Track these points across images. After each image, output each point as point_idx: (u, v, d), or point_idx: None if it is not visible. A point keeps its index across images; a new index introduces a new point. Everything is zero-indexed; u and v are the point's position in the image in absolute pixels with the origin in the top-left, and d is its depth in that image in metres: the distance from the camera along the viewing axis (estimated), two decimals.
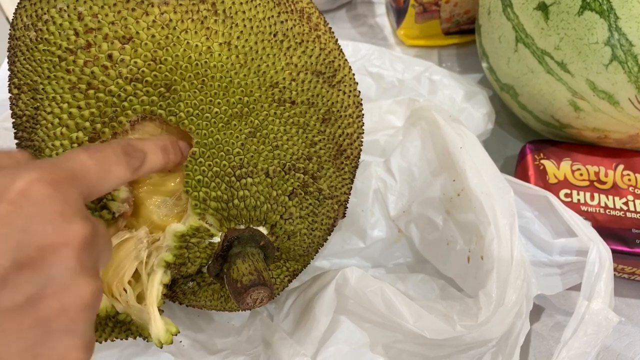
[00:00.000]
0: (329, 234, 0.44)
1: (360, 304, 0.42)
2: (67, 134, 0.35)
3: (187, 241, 0.36)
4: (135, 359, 0.43)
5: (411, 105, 0.53)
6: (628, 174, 0.53)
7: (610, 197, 0.52)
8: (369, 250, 0.52)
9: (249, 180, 0.36)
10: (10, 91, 0.38)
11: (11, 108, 0.38)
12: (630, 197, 0.52)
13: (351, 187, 0.44)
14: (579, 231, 0.42)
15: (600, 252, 0.40)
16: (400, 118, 0.55)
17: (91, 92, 0.34)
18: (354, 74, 0.44)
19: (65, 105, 0.34)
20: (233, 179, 0.36)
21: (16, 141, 0.38)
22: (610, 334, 0.48)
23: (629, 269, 0.51)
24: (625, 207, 0.51)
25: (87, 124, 0.34)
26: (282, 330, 0.43)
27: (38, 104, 0.35)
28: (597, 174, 0.53)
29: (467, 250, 0.45)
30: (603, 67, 0.47)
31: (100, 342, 0.36)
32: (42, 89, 0.35)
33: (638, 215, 0.51)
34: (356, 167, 0.44)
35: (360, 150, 0.44)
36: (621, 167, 0.54)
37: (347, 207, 0.45)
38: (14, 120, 0.38)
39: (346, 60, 0.43)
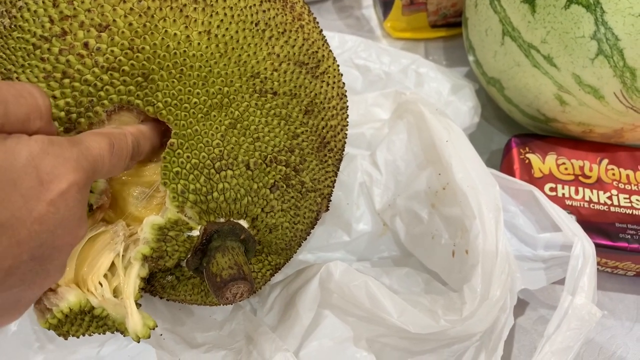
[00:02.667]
0: (312, 228, 0.44)
1: (344, 298, 0.42)
2: None
3: (165, 234, 0.35)
4: (115, 352, 0.43)
5: (397, 98, 0.53)
6: (612, 169, 0.54)
7: (595, 192, 0.52)
8: (354, 243, 0.51)
9: (229, 172, 0.36)
10: None
11: None
12: (614, 192, 0.52)
13: (335, 180, 0.44)
14: (564, 226, 0.42)
15: (584, 247, 0.40)
16: (386, 111, 0.54)
17: (66, 81, 0.33)
18: (338, 65, 0.43)
19: None
20: (212, 171, 0.35)
21: None
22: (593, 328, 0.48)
23: (612, 262, 0.51)
24: (609, 202, 0.51)
25: (62, 114, 0.33)
26: (264, 325, 0.43)
27: None
28: (581, 168, 0.54)
29: (452, 244, 0.44)
30: (589, 61, 0.47)
31: (78, 337, 0.35)
32: (17, 77, 0.33)
33: (622, 209, 0.51)
34: (340, 159, 0.44)
35: (345, 142, 0.44)
36: (605, 161, 0.54)
37: (330, 200, 0.45)
38: None
39: (330, 51, 0.42)
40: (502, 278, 0.38)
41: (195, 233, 0.36)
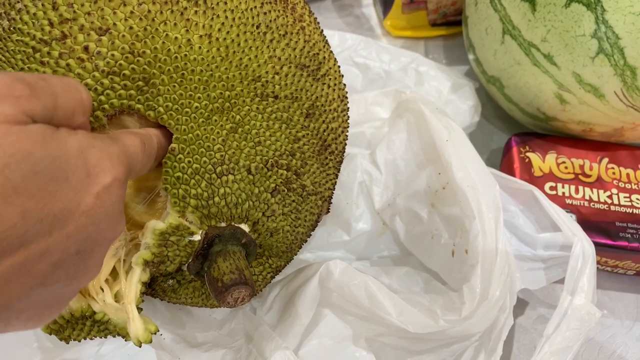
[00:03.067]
0: (313, 230, 0.44)
1: (344, 297, 0.42)
2: None
3: (166, 239, 0.35)
4: (114, 351, 0.43)
5: (397, 97, 0.53)
6: (612, 168, 0.53)
7: (595, 190, 0.52)
8: (354, 243, 0.51)
9: (230, 177, 0.35)
10: None
11: None
12: (614, 191, 0.52)
13: (335, 183, 0.44)
14: (563, 226, 0.41)
15: (584, 247, 0.39)
16: (386, 110, 0.54)
17: None
18: (339, 67, 0.43)
19: None
20: (214, 175, 0.35)
21: None
22: (592, 327, 0.48)
23: (612, 262, 0.51)
24: (609, 201, 0.51)
25: None
26: (264, 324, 0.43)
27: None
28: (582, 167, 0.53)
29: (452, 244, 0.44)
30: (589, 59, 0.47)
31: (79, 341, 0.35)
32: None
33: (622, 208, 0.51)
34: (341, 162, 0.44)
35: (345, 144, 0.44)
36: (606, 160, 0.54)
37: (331, 203, 0.45)
38: None
39: (331, 52, 0.42)
40: (501, 278, 0.38)
41: (197, 238, 0.36)
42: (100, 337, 0.36)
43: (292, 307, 0.43)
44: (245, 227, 0.37)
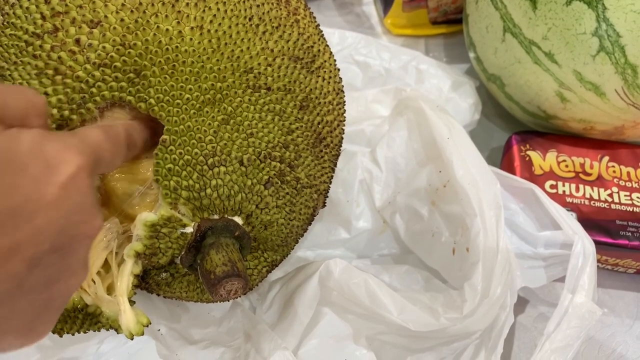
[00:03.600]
0: (309, 224, 0.44)
1: (344, 295, 0.42)
2: None
3: (158, 231, 0.35)
4: (114, 350, 0.43)
5: (398, 95, 0.53)
6: (613, 166, 0.53)
7: (595, 189, 0.52)
8: (354, 241, 0.51)
9: (222, 168, 0.35)
10: None
11: None
12: (615, 189, 0.52)
13: (332, 176, 0.44)
14: (564, 224, 0.42)
15: (584, 246, 0.40)
16: (386, 108, 0.54)
17: (58, 78, 0.33)
18: (335, 60, 0.43)
19: None
20: (205, 167, 0.35)
21: None
22: (592, 324, 0.48)
23: (612, 260, 0.51)
24: (609, 199, 0.51)
25: (55, 111, 0.33)
26: (263, 322, 0.43)
27: None
28: (582, 165, 0.53)
29: (453, 242, 0.44)
30: (590, 58, 0.47)
31: (73, 335, 0.35)
32: (9, 75, 0.34)
33: (622, 206, 0.51)
34: (337, 155, 0.44)
35: (342, 138, 0.43)
36: (606, 158, 0.54)
37: (327, 196, 0.45)
38: None
39: (327, 45, 0.42)
40: (502, 276, 0.38)
41: (189, 230, 0.36)
42: (94, 331, 0.36)
43: (292, 305, 0.43)
44: (238, 220, 0.37)
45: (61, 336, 0.35)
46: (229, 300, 0.36)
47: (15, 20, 0.33)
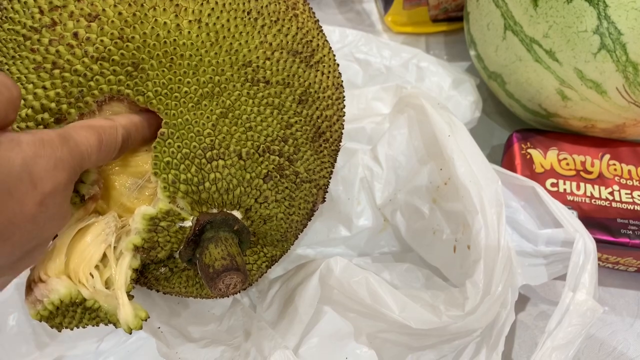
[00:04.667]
0: (309, 219, 0.44)
1: (345, 294, 0.42)
2: (33, 116, 0.33)
3: (156, 224, 0.35)
4: (114, 348, 0.43)
5: (398, 93, 0.53)
6: (614, 164, 0.54)
7: (596, 187, 0.52)
8: (355, 239, 0.51)
9: (221, 162, 0.35)
10: None
11: None
12: (615, 187, 0.52)
13: (332, 171, 0.44)
14: (565, 222, 0.42)
15: (585, 244, 0.40)
16: (387, 105, 0.54)
17: (56, 71, 0.33)
18: (334, 55, 0.43)
19: (30, 86, 0.33)
20: (203, 160, 0.35)
21: None
22: (593, 322, 0.48)
23: (613, 258, 0.51)
24: (610, 197, 0.51)
25: (53, 104, 0.33)
26: (263, 321, 0.43)
27: None
28: (583, 163, 0.54)
29: (454, 240, 0.44)
30: (591, 55, 0.48)
31: (71, 329, 0.35)
32: (7, 69, 0.34)
33: (623, 205, 0.51)
34: (337, 150, 0.44)
35: (341, 133, 0.44)
36: (607, 156, 0.54)
37: (327, 192, 0.45)
38: None
39: (326, 40, 0.42)
40: (504, 274, 0.38)
41: (188, 224, 0.36)
42: (92, 325, 0.35)
43: (292, 304, 0.43)
44: (237, 214, 0.37)
45: (60, 330, 0.34)
46: (228, 296, 0.36)
47: (14, 15, 0.34)
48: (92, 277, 0.34)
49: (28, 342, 0.43)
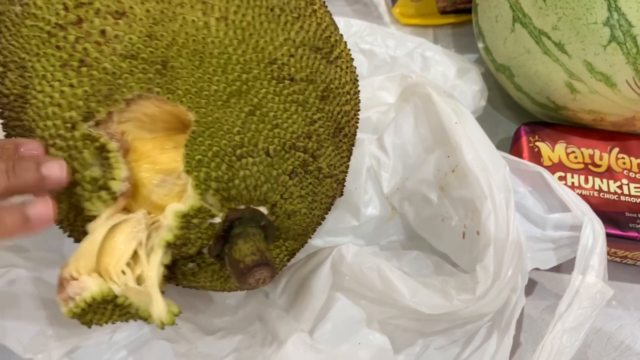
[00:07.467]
0: (327, 213, 0.46)
1: (357, 280, 0.43)
2: (60, 114, 0.35)
3: (188, 221, 0.36)
4: (126, 339, 0.44)
5: (404, 82, 0.54)
6: (623, 157, 0.55)
7: (605, 181, 0.53)
8: (363, 228, 0.53)
9: (250, 159, 0.37)
10: None
11: None
12: (624, 181, 0.54)
13: (348, 166, 0.45)
14: (573, 206, 0.44)
15: (594, 227, 0.42)
16: (392, 95, 0.56)
17: (84, 69, 0.34)
18: (349, 50, 0.44)
19: (56, 84, 0.35)
20: (234, 158, 0.36)
21: (2, 121, 0.39)
22: (602, 315, 0.51)
23: (621, 252, 0.53)
24: (619, 191, 0.53)
25: (81, 102, 0.34)
26: (278, 308, 0.44)
27: (27, 82, 0.36)
28: (591, 157, 0.55)
29: (463, 226, 0.46)
30: (601, 48, 0.49)
31: (101, 325, 0.36)
32: (31, 66, 0.35)
33: (632, 198, 0.53)
34: (353, 145, 0.45)
35: (357, 128, 0.45)
36: (616, 150, 0.56)
37: (345, 186, 0.46)
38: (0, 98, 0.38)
39: (341, 35, 0.44)
40: (513, 258, 0.40)
41: (217, 220, 0.37)
42: (122, 321, 0.37)
43: (304, 291, 0.45)
44: (263, 210, 0.39)
45: (89, 327, 0.36)
46: (256, 288, 0.38)
47: (36, 11, 0.35)
48: (124, 274, 0.36)
49: (44, 334, 0.43)
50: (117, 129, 0.36)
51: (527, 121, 0.58)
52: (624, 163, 0.55)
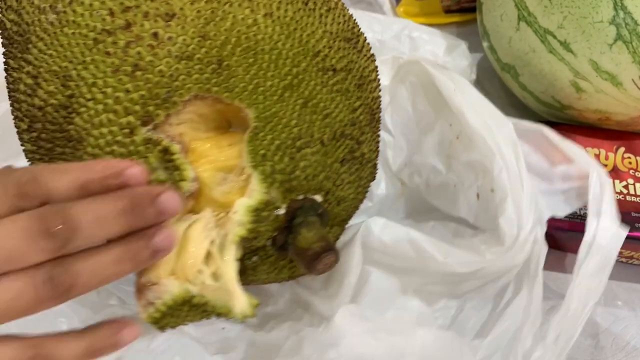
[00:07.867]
0: (365, 197, 0.54)
1: (387, 252, 0.52)
2: (116, 120, 0.40)
3: (258, 215, 0.43)
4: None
5: (395, 64, 0.63)
6: (629, 157, 0.63)
7: (610, 180, 0.60)
8: (376, 207, 0.62)
9: (308, 150, 0.44)
10: (13, 83, 0.43)
11: (20, 100, 0.42)
12: (630, 181, 0.61)
13: (379, 149, 0.54)
14: (577, 157, 0.51)
15: (600, 174, 0.49)
16: (386, 77, 0.63)
17: (139, 73, 0.39)
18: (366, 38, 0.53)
19: (109, 90, 0.39)
20: (294, 150, 0.43)
21: (34, 134, 0.43)
22: (607, 315, 0.60)
23: (627, 252, 0.61)
24: (625, 191, 0.61)
25: (138, 107, 0.40)
26: (314, 289, 0.53)
27: (72, 92, 0.40)
28: (597, 156, 0.63)
29: (475, 188, 0.54)
30: (607, 46, 0.56)
31: (174, 328, 0.41)
32: (77, 74, 0.40)
33: (638, 198, 0.60)
34: (380, 129, 0.54)
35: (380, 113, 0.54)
36: (622, 149, 0.64)
37: (377, 170, 0.55)
38: (27, 111, 0.42)
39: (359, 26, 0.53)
40: (531, 207, 0.48)
41: (282, 211, 0.44)
42: (199, 320, 0.43)
43: (337, 270, 0.51)
44: (318, 198, 0.46)
45: (163, 331, 0.42)
46: (323, 274, 0.46)
47: (76, 18, 0.40)
48: (200, 273, 0.41)
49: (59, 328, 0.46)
50: (175, 131, 0.42)
51: (532, 121, 0.64)
52: (630, 163, 0.63)
